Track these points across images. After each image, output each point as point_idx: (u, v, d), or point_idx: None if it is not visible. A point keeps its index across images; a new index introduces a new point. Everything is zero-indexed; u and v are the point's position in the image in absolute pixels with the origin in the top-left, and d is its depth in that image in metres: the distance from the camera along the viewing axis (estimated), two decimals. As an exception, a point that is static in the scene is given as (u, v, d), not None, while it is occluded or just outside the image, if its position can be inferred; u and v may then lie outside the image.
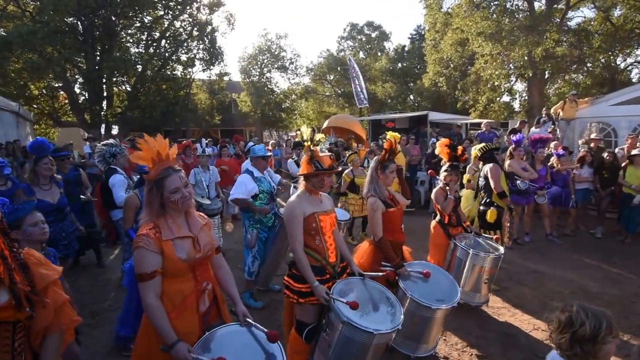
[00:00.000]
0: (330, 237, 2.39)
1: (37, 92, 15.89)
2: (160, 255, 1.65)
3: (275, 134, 29.68)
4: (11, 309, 1.23)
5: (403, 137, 8.83)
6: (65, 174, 4.68)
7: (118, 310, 3.51)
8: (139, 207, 3.12)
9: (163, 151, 1.73)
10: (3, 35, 13.22)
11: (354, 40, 29.54)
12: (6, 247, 1.29)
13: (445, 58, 18.07)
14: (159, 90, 16.94)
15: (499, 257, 3.36)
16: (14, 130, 9.87)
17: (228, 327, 1.76)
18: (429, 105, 21.15)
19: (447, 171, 3.50)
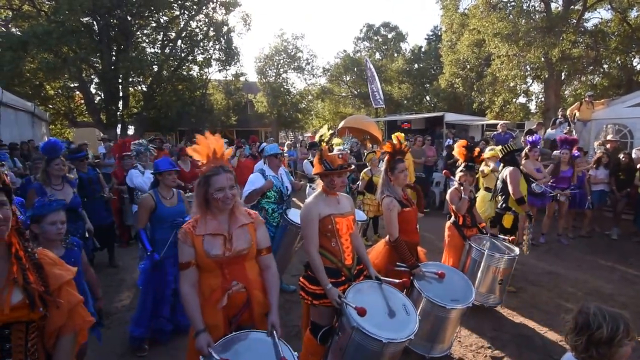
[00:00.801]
0: (347, 239, 2.38)
1: (53, 92, 16.29)
2: (193, 248, 1.79)
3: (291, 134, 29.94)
4: (25, 309, 1.26)
5: (419, 138, 8.87)
6: (85, 174, 4.91)
7: (132, 310, 3.62)
8: (153, 207, 3.15)
9: (219, 150, 1.85)
10: (18, 35, 13.64)
11: (370, 41, 29.58)
12: (21, 247, 1.32)
13: (462, 59, 17.99)
14: (175, 91, 17.19)
15: (514, 258, 3.39)
16: (29, 130, 10.21)
17: (255, 333, 1.80)
18: (445, 107, 21.03)
19: (462, 171, 3.55)
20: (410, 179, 6.77)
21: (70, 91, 16.87)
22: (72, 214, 3.65)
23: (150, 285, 3.16)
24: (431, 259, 3.16)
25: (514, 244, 3.58)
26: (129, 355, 3.08)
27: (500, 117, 16.45)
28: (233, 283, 1.85)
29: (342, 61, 26.15)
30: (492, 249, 3.39)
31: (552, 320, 3.54)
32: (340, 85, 27.34)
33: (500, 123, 10.03)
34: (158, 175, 3.30)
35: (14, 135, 8.44)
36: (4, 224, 1.23)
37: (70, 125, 18.07)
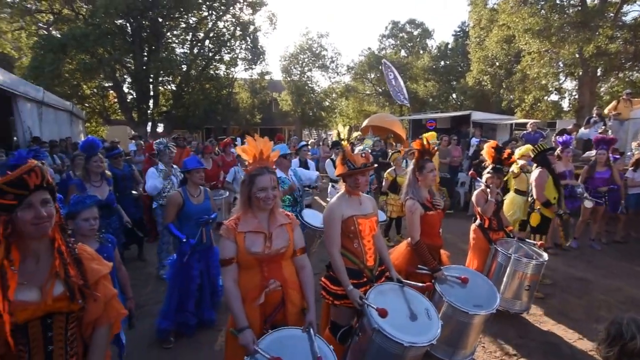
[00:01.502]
0: (369, 240, 2.38)
1: (89, 92, 17.14)
2: (235, 244, 1.85)
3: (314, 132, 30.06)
4: (65, 300, 1.33)
5: (445, 137, 8.66)
6: (120, 170, 5.13)
7: (159, 303, 3.70)
8: (181, 205, 3.25)
9: (265, 152, 1.94)
10: (58, 37, 14.44)
11: (396, 38, 29.20)
12: (63, 243, 1.39)
13: (490, 56, 17.46)
14: (202, 90, 17.69)
15: (542, 263, 3.27)
16: (67, 128, 10.79)
17: (291, 330, 1.86)
18: (472, 105, 20.47)
19: (489, 173, 3.45)
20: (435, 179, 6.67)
21: (105, 90, 17.71)
22: (107, 209, 3.80)
23: (177, 279, 3.27)
24: (455, 262, 3.10)
25: (543, 249, 3.45)
26: (156, 347, 3.19)
27: (530, 116, 15.85)
28: (270, 281, 1.90)
29: (366, 59, 25.93)
30: (519, 254, 3.28)
31: (582, 329, 3.39)
32: (364, 83, 27.15)
33: (530, 122, 9.65)
34: (186, 173, 3.41)
35: (53, 133, 8.93)
36: (48, 220, 1.30)
37: (104, 123, 18.91)
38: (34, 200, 1.27)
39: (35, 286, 1.30)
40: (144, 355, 3.09)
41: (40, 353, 1.32)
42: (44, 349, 1.32)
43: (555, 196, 4.19)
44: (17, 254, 1.28)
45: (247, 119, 21.75)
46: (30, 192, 1.26)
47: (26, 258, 1.31)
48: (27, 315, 1.27)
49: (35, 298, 1.29)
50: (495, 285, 2.98)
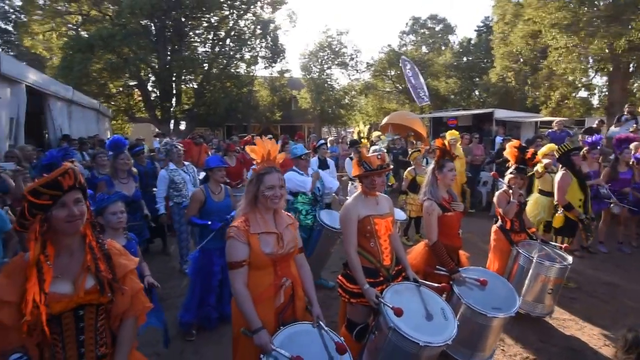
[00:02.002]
0: (385, 240, 2.40)
1: (115, 90, 17.74)
2: (247, 246, 1.85)
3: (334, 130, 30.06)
4: (96, 293, 1.41)
5: (466, 136, 8.49)
6: (143, 167, 5.30)
7: (182, 296, 3.84)
8: (203, 202, 3.36)
9: (273, 152, 1.99)
10: (86, 38, 15.00)
11: (416, 34, 28.77)
12: (93, 239, 1.47)
13: (515, 51, 16.89)
14: (223, 88, 17.97)
15: (566, 267, 3.17)
16: (95, 125, 11.22)
17: (302, 325, 1.90)
18: (495, 102, 19.91)
19: (512, 174, 3.38)
20: (461, 180, 6.55)
21: (130, 89, 18.26)
22: (133, 205, 3.94)
23: (198, 274, 3.38)
24: (475, 263, 3.06)
25: (567, 252, 3.35)
26: (179, 339, 3.30)
27: (556, 114, 15.28)
28: (284, 279, 1.95)
29: (386, 56, 25.65)
30: (541, 256, 3.20)
31: (607, 335, 3.28)
32: (384, 81, 26.88)
33: (556, 120, 9.33)
34: (208, 171, 3.51)
35: (81, 130, 9.32)
36: (80, 218, 1.39)
37: (129, 121, 19.53)
38: (68, 200, 1.36)
39: (69, 279, 1.39)
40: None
41: (73, 342, 1.41)
42: (76, 339, 1.41)
43: (581, 198, 4.05)
44: (52, 249, 1.36)
45: (267, 117, 21.94)
46: (64, 193, 1.34)
47: (60, 253, 1.40)
48: (61, 306, 1.35)
49: (68, 291, 1.37)
50: (517, 288, 2.92)
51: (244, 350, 1.90)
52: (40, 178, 1.34)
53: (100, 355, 1.47)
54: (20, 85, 5.77)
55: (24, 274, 1.30)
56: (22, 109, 5.84)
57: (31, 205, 1.30)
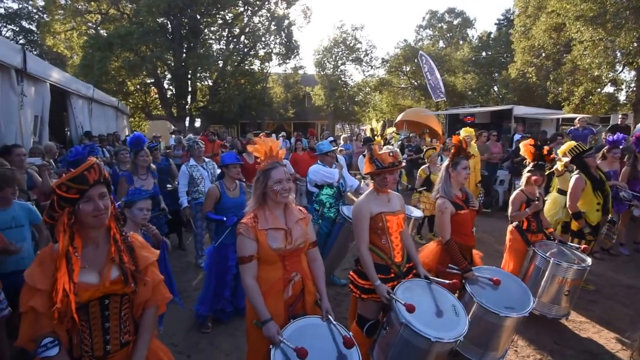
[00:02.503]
0: (397, 237, 2.44)
1: (133, 88, 18.20)
2: (255, 242, 1.93)
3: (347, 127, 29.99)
4: (120, 284, 1.50)
5: (484, 133, 8.36)
6: (158, 164, 5.47)
7: (198, 290, 4.00)
8: (218, 197, 3.47)
9: (275, 148, 2.05)
10: (105, 36, 15.42)
11: (434, 28, 28.36)
12: (117, 232, 1.56)
13: (537, 45, 16.38)
14: (237, 85, 18.16)
15: (585, 269, 3.13)
16: (114, 123, 11.53)
17: (311, 319, 1.97)
18: (515, 98, 19.46)
19: (531, 171, 3.34)
20: (475, 179, 6.47)
21: (147, 87, 18.68)
22: (152, 201, 4.13)
23: (213, 269, 3.50)
24: (490, 263, 3.04)
25: (587, 253, 3.29)
26: (195, 330, 3.45)
27: (580, 110, 14.79)
28: (293, 274, 2.02)
29: (402, 51, 25.37)
30: (559, 257, 3.17)
31: (626, 339, 3.18)
32: (399, 77, 26.63)
33: (578, 117, 9.06)
34: (224, 168, 3.61)
35: (101, 127, 9.62)
36: (105, 212, 1.48)
37: (146, 118, 20.00)
38: (93, 194, 1.44)
39: (95, 270, 1.49)
40: (184, 337, 3.35)
41: (99, 329, 1.51)
42: (102, 326, 1.51)
43: (599, 202, 3.95)
44: (79, 241, 1.46)
45: (280, 114, 22.06)
46: (90, 187, 1.43)
47: (86, 245, 1.50)
48: (89, 295, 1.45)
49: (95, 280, 1.47)
50: (532, 289, 2.91)
51: (256, 341, 1.98)
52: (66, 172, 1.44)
53: (123, 342, 1.57)
54: (44, 83, 6.03)
55: (54, 264, 1.39)
56: (47, 106, 6.10)
57: (59, 198, 1.39)
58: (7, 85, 4.84)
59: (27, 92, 5.28)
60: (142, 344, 1.60)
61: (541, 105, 16.62)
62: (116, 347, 1.55)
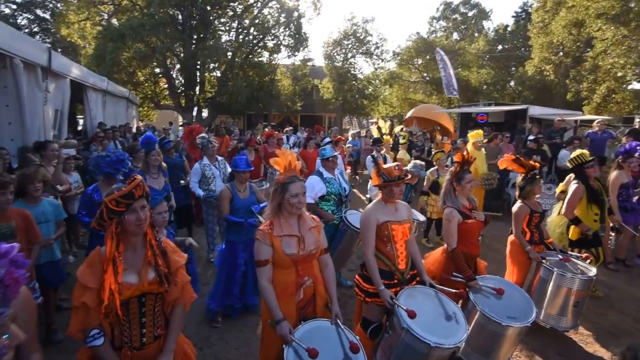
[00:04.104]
0: (402, 245, 2.59)
1: (143, 78, 18.49)
2: (271, 248, 2.13)
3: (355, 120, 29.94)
4: (156, 284, 1.73)
5: (498, 136, 8.23)
6: (172, 160, 5.66)
7: (208, 285, 4.19)
8: (231, 198, 3.67)
9: (293, 162, 2.25)
10: (118, 27, 15.67)
11: (448, 20, 27.98)
12: (153, 237, 1.78)
13: (556, 42, 16.10)
14: (245, 77, 18.32)
15: (590, 279, 3.19)
16: (124, 114, 11.79)
17: (321, 321, 2.15)
18: (532, 96, 19.21)
19: (527, 184, 3.42)
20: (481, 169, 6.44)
21: (156, 77, 18.92)
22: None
23: (224, 266, 3.71)
24: (498, 269, 3.07)
25: (590, 262, 3.36)
26: (206, 324, 3.67)
27: (601, 110, 14.52)
28: (305, 278, 2.21)
29: (414, 44, 25.12)
30: (563, 268, 3.24)
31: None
32: (410, 70, 26.43)
33: (597, 120, 8.94)
34: (235, 172, 3.82)
35: (113, 119, 9.88)
36: (145, 221, 1.71)
37: (155, 108, 20.30)
38: (137, 206, 1.68)
39: (135, 271, 1.72)
40: (196, 330, 3.57)
41: (137, 323, 1.75)
42: (139, 321, 1.75)
43: (597, 212, 4.00)
44: (122, 246, 1.69)
45: (287, 106, 22.18)
46: (134, 201, 1.66)
47: (127, 249, 1.73)
48: (129, 294, 1.68)
49: (135, 281, 1.71)
50: (538, 301, 3.00)
51: (270, 338, 2.17)
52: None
53: (156, 335, 1.81)
54: (65, 79, 6.28)
55: (102, 266, 1.63)
56: (67, 101, 6.38)
57: (109, 211, 1.62)
58: (33, 82, 5.10)
59: (50, 88, 5.52)
60: (171, 338, 1.84)
61: (559, 105, 16.38)
62: (150, 340, 1.79)
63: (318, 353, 1.81)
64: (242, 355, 3.23)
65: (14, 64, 4.53)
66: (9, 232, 2.74)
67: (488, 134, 10.46)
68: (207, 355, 3.23)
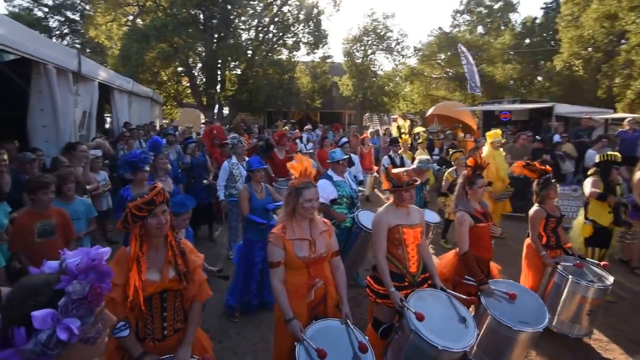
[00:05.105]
0: (413, 249, 2.65)
1: (166, 78, 19.04)
2: (283, 250, 2.25)
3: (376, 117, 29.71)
4: (176, 282, 1.88)
5: (523, 136, 7.99)
6: (196, 159, 5.89)
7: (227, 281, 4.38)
8: (249, 197, 3.83)
9: (308, 169, 2.38)
10: (142, 28, 16.20)
11: (472, 13, 27.21)
12: (173, 238, 1.94)
13: (586, 36, 15.46)
14: (265, 74, 18.54)
15: (606, 288, 3.14)
16: (149, 113, 12.25)
17: (332, 321, 2.26)
18: (560, 92, 18.52)
19: (543, 188, 3.42)
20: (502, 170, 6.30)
21: (179, 76, 19.44)
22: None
23: (242, 263, 3.88)
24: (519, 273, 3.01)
25: (606, 270, 3.31)
26: (224, 319, 3.86)
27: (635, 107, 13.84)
28: (316, 280, 2.32)
29: (436, 39, 24.59)
30: (578, 275, 3.20)
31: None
32: (432, 66, 25.92)
33: (628, 118, 8.59)
34: (250, 172, 3.97)
35: (138, 118, 10.28)
36: (165, 225, 1.87)
37: (177, 106, 20.86)
38: (158, 211, 1.84)
39: (157, 270, 1.88)
40: (215, 324, 3.77)
41: (158, 318, 1.91)
42: (160, 315, 1.92)
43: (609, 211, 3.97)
44: (145, 246, 1.86)
45: (307, 104, 22.26)
46: (156, 207, 1.82)
47: (150, 249, 1.89)
48: (152, 290, 1.84)
49: (157, 278, 1.87)
50: (551, 306, 3.00)
51: (283, 335, 2.30)
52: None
53: (176, 328, 1.98)
54: (93, 82, 6.65)
55: (127, 265, 1.79)
56: (95, 102, 6.75)
57: (133, 215, 1.79)
58: (65, 87, 5.44)
59: (80, 92, 5.87)
60: (190, 331, 2.00)
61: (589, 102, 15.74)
62: (171, 332, 1.96)
63: (326, 354, 1.91)
64: (259, 350, 3.39)
65: (48, 70, 4.85)
66: (50, 229, 3.01)
67: (511, 132, 10.28)
68: (226, 348, 3.41)
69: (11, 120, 6.05)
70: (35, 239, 2.96)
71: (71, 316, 0.92)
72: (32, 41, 4.53)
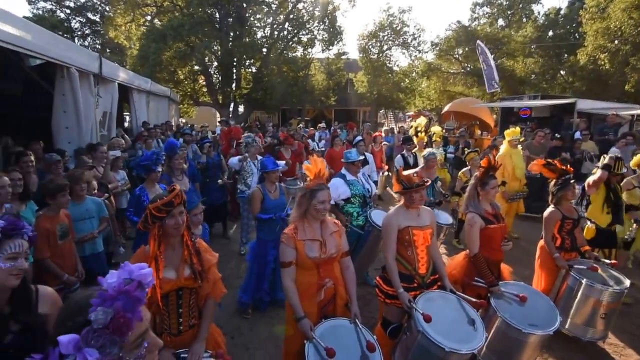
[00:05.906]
0: (422, 250, 2.69)
1: (183, 77, 19.44)
2: (294, 251, 2.34)
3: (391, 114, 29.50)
4: (191, 280, 1.97)
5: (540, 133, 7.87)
6: (211, 159, 6.06)
7: (239, 277, 4.52)
8: (262, 198, 3.94)
9: (322, 170, 2.46)
10: (160, 28, 16.57)
11: (492, 6, 26.53)
12: (188, 238, 2.03)
13: (613, 27, 14.87)
14: (280, 72, 18.71)
15: (622, 292, 3.10)
16: (166, 112, 12.56)
17: (341, 320, 2.33)
18: (584, 87, 17.92)
19: (561, 189, 3.37)
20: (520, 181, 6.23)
21: (195, 75, 19.81)
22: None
23: (255, 261, 4.01)
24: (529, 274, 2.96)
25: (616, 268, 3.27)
26: (237, 315, 3.98)
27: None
28: (326, 280, 2.40)
29: (454, 33, 24.10)
30: (593, 278, 3.16)
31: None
32: (450, 61, 25.45)
33: (654, 115, 8.30)
34: (264, 173, 4.06)
35: (155, 117, 10.59)
36: (182, 225, 1.98)
37: (194, 105, 21.26)
38: (175, 212, 1.95)
39: (173, 268, 1.99)
40: (228, 320, 3.89)
41: (174, 314, 2.02)
42: (176, 311, 2.03)
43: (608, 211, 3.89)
44: (163, 246, 1.97)
45: (321, 101, 22.29)
46: (174, 208, 1.93)
47: (167, 248, 2.00)
48: (168, 287, 1.95)
49: (173, 276, 1.98)
50: (564, 309, 2.97)
51: (293, 333, 2.38)
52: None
53: (191, 324, 2.09)
54: (113, 83, 6.88)
55: (147, 263, 1.89)
56: (115, 103, 7.00)
57: (152, 216, 1.90)
58: (87, 88, 5.67)
59: (101, 93, 6.10)
60: (204, 327, 2.11)
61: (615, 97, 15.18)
62: (186, 328, 2.07)
63: (335, 353, 1.98)
64: (270, 346, 3.49)
65: (71, 73, 5.07)
66: (67, 230, 3.16)
67: (530, 129, 10.06)
68: (238, 344, 3.53)
69: (37, 122, 6.34)
70: (58, 242, 3.06)
71: (90, 346, 0.87)
72: (56, 45, 4.74)
